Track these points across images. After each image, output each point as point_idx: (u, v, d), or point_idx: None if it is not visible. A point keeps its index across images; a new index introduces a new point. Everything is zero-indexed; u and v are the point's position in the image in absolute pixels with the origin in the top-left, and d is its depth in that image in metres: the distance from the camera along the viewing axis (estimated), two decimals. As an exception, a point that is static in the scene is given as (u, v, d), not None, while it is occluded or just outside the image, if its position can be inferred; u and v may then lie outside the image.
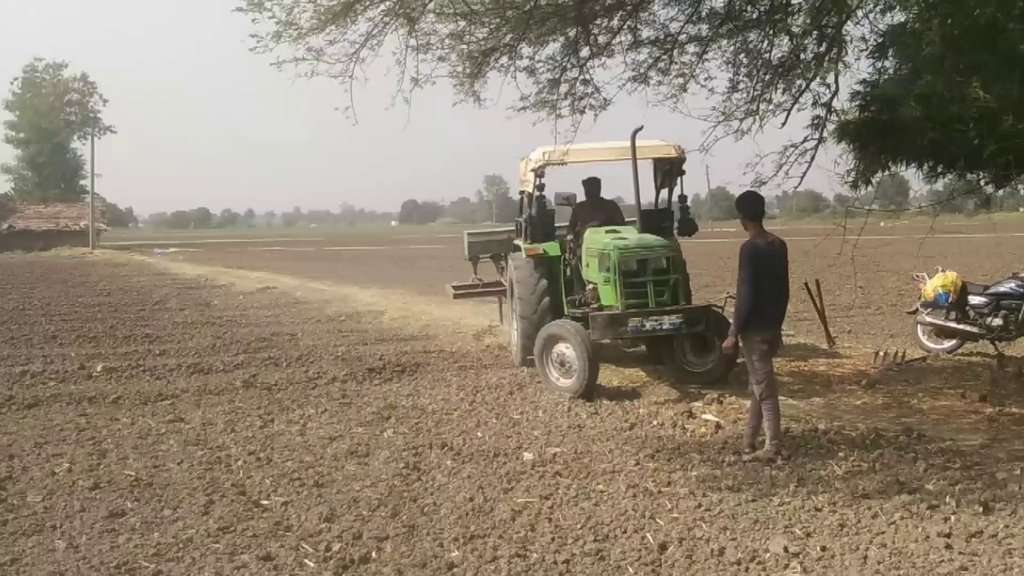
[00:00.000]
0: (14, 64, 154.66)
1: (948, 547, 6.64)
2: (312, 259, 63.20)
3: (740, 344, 9.40)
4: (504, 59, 11.23)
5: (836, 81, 11.26)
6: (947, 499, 7.60)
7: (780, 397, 10.68)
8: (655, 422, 10.75)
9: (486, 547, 6.87)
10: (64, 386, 13.95)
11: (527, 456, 9.38)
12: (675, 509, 7.61)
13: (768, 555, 6.61)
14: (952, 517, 7.22)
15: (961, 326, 14.87)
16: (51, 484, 8.76)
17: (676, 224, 15.01)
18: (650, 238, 13.17)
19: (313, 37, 10.16)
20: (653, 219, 14.67)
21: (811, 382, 12.85)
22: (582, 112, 11.51)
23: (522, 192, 16.04)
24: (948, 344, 15.23)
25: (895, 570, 6.31)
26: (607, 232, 13.38)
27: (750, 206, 9.50)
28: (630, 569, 6.45)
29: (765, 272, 9.15)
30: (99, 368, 15.16)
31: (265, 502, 8.11)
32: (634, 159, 13.37)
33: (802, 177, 11.28)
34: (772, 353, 9.58)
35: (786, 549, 6.66)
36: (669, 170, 14.81)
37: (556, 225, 15.65)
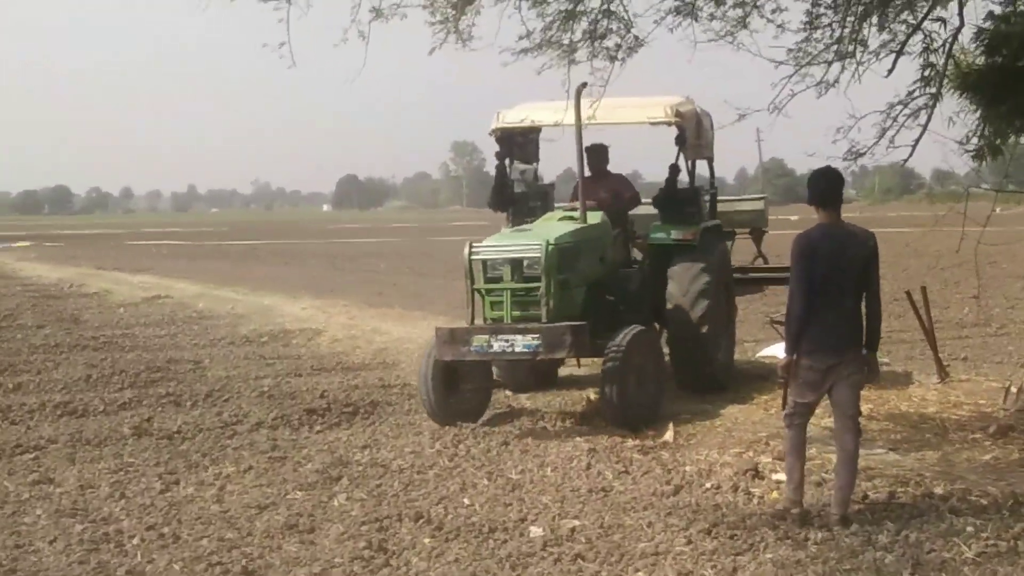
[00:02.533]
0: None
1: None
2: (217, 256, 62.92)
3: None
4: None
5: (960, 13, 11.07)
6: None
7: (879, 449, 10.69)
8: (708, 484, 10.56)
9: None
10: None
11: (535, 532, 9.17)
12: (745, 609, 7.52)
13: None
14: None
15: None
16: None
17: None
18: (536, 232, 13.50)
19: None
20: (671, 202, 15.14)
21: (919, 429, 12.72)
22: (613, 58, 11.42)
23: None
24: (1103, 374, 15.19)
25: None
26: (524, 222, 14.36)
27: (815, 187, 9.27)
28: None
29: (820, 275, 9.08)
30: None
31: (175, 598, 8.00)
32: (578, 124, 13.52)
33: (914, 145, 11.12)
34: (829, 387, 9.24)
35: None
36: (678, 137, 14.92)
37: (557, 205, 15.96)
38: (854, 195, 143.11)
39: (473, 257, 13.31)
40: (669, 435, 12.39)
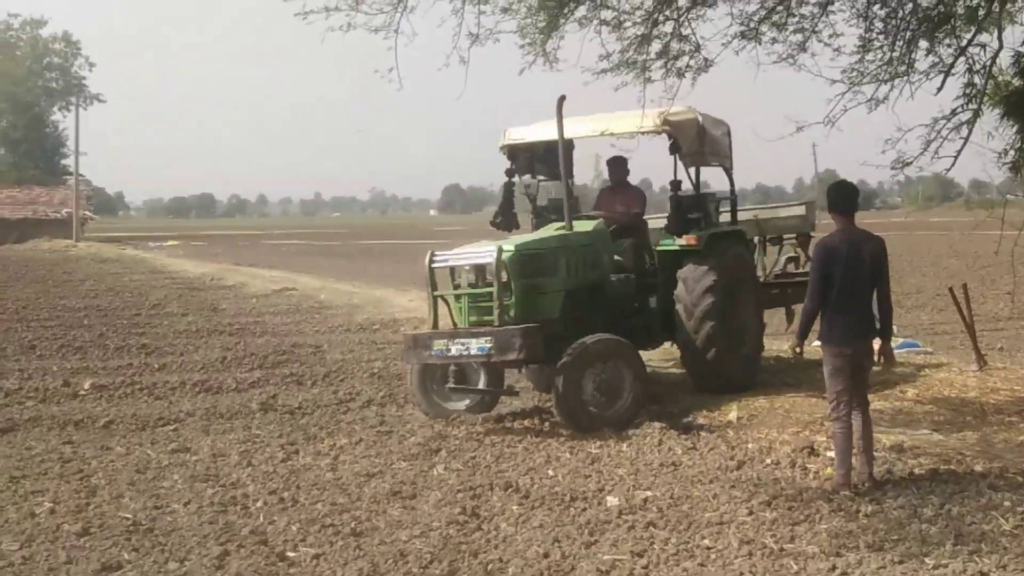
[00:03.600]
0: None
1: None
2: (337, 255, 63.33)
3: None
4: (582, 9, 10.88)
5: (999, 38, 10.76)
6: None
7: (924, 430, 10.37)
8: (768, 460, 10.33)
9: (569, 620, 6.58)
10: (45, 407, 13.86)
11: (611, 501, 8.99)
12: (803, 572, 7.24)
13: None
14: None
15: None
16: (31, 528, 8.57)
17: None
18: (501, 241, 13.00)
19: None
20: (679, 212, 14.08)
21: (960, 412, 12.41)
22: (680, 75, 11.17)
23: None
24: None
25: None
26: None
27: (834, 195, 9.39)
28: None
29: (840, 275, 9.03)
30: (87, 385, 15.08)
31: (291, 554, 7.86)
32: (560, 135, 12.98)
33: (956, 156, 10.80)
34: (852, 371, 9.29)
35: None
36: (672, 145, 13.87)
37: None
38: (899, 202, 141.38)
39: (433, 265, 12.92)
40: (733, 415, 12.14)
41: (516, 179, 14.76)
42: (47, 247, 64.33)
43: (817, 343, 13.62)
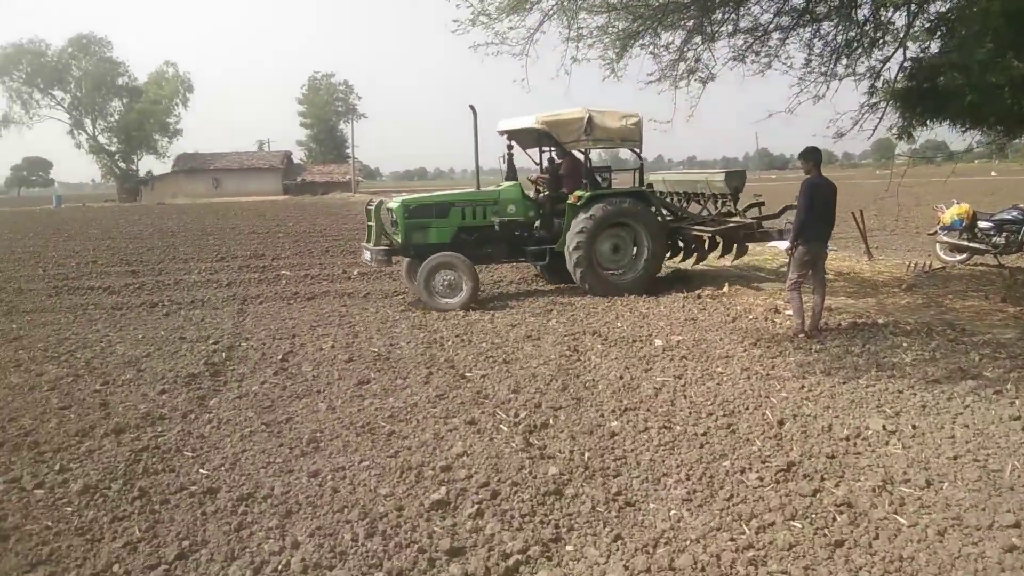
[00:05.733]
0: (303, 74, 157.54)
1: None
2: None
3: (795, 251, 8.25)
4: (637, 47, 9.76)
5: (904, 52, 9.46)
6: (1008, 385, 6.09)
7: (842, 296, 9.31)
8: (750, 316, 9.28)
9: (638, 418, 5.71)
10: (332, 285, 13.29)
11: (657, 343, 8.08)
12: (783, 389, 6.27)
13: (870, 432, 5.27)
14: (1017, 401, 5.74)
15: (972, 244, 13.05)
16: (319, 357, 7.96)
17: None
18: (408, 196, 11.80)
19: (498, 23, 8.93)
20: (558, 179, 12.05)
21: (861, 285, 11.14)
22: (703, 82, 10.02)
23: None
24: (960, 257, 13.35)
25: (983, 449, 4.91)
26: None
27: (813, 155, 8.20)
28: (757, 442, 5.19)
29: (819, 201, 8.00)
30: (355, 272, 14.48)
31: (468, 375, 7.12)
32: (475, 133, 11.07)
33: (874, 130, 9.62)
34: (815, 260, 8.23)
35: (884, 427, 5.32)
36: (546, 136, 11.72)
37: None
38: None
39: (369, 207, 11.46)
40: (726, 288, 11.03)
41: (511, 151, 12.41)
42: (337, 197, 64.62)
43: (772, 246, 12.42)
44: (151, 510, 4.49)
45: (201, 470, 5.04)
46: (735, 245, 11.94)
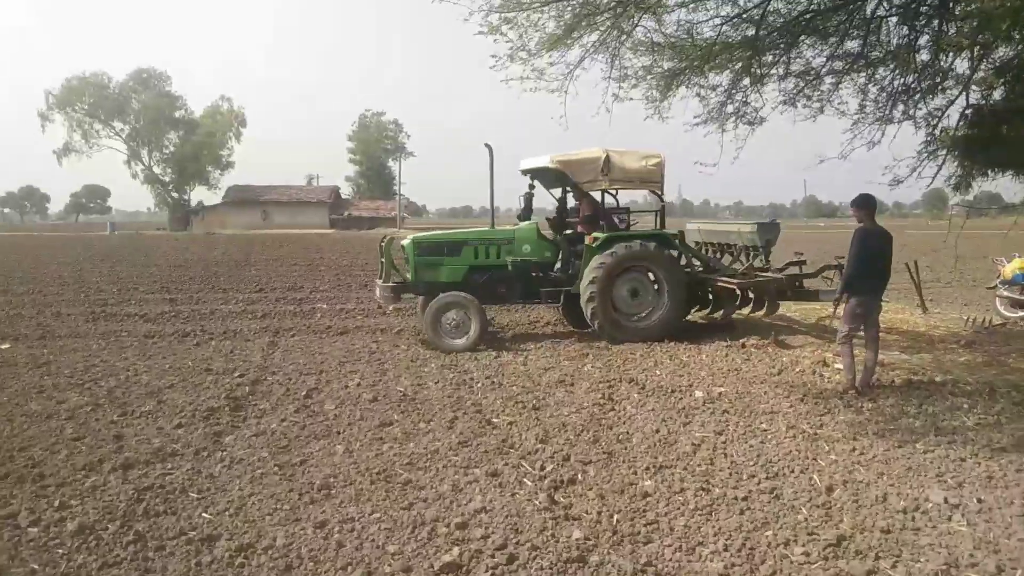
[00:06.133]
0: (354, 114, 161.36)
1: (1104, 508, 4.66)
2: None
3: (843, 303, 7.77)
4: (683, 88, 9.45)
5: (967, 97, 8.97)
6: (1084, 458, 5.54)
7: (895, 352, 8.77)
8: (797, 368, 8.71)
9: (673, 478, 5.27)
10: (366, 320, 13.09)
11: (698, 394, 7.60)
12: (832, 451, 5.77)
13: (930, 505, 4.77)
14: (1095, 475, 5.19)
15: (1035, 300, 12.37)
16: (343, 395, 7.68)
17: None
18: (421, 234, 11.53)
19: (537, 59, 8.67)
20: (587, 221, 11.50)
21: (916, 340, 10.51)
22: (751, 124, 9.58)
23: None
24: (1021, 313, 12.64)
25: (1060, 531, 4.40)
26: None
27: (868, 202, 7.69)
28: (804, 510, 4.72)
29: (870, 251, 7.51)
30: (390, 308, 14.25)
31: (495, 420, 6.76)
32: (491, 170, 10.90)
33: (933, 178, 9.05)
34: (867, 313, 7.71)
35: (946, 500, 4.82)
36: (561, 176, 11.26)
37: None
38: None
39: (382, 243, 11.43)
40: (771, 337, 10.48)
41: (532, 190, 11.86)
42: (383, 232, 65.18)
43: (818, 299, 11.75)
44: (144, 556, 4.20)
45: (204, 514, 4.75)
46: (766, 301, 11.14)
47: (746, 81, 9.53)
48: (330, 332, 11.80)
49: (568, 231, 11.76)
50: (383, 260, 11.28)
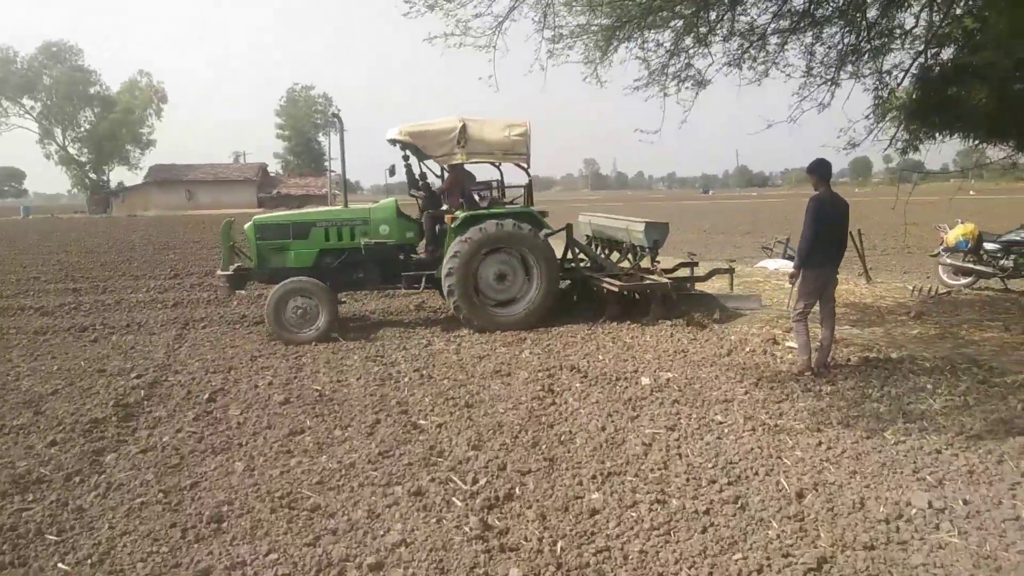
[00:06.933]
0: (282, 88, 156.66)
1: (1103, 507, 4.16)
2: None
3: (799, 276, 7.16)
4: (623, 48, 8.71)
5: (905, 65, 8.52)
6: (1068, 444, 5.06)
7: (846, 326, 8.31)
8: (747, 348, 8.14)
9: (624, 488, 4.56)
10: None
11: (645, 381, 6.92)
12: (797, 447, 5.17)
13: (914, 511, 4.20)
14: (1085, 467, 4.71)
15: (978, 267, 12.14)
16: (251, 397, 6.79)
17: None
18: (263, 215, 10.54)
19: (460, 10, 7.79)
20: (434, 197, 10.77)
21: (865, 313, 10.11)
22: (697, 85, 8.91)
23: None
24: (965, 281, 12.41)
25: (1062, 539, 3.87)
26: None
27: (823, 168, 7.10)
28: (774, 523, 4.09)
29: (827, 221, 6.98)
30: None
31: (422, 423, 5.97)
32: (342, 143, 10.63)
33: (891, 139, 8.57)
34: (823, 287, 7.16)
35: (930, 504, 4.25)
36: (413, 149, 10.48)
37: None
38: (779, 183, 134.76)
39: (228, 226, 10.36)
40: (716, 315, 9.91)
41: (406, 162, 10.83)
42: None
43: (760, 264, 11.29)
44: (-31, 633, 3.32)
45: (60, 564, 3.88)
46: (651, 305, 9.96)
47: (688, 40, 8.88)
48: (245, 322, 10.82)
49: (432, 209, 10.60)
50: (225, 246, 10.22)
